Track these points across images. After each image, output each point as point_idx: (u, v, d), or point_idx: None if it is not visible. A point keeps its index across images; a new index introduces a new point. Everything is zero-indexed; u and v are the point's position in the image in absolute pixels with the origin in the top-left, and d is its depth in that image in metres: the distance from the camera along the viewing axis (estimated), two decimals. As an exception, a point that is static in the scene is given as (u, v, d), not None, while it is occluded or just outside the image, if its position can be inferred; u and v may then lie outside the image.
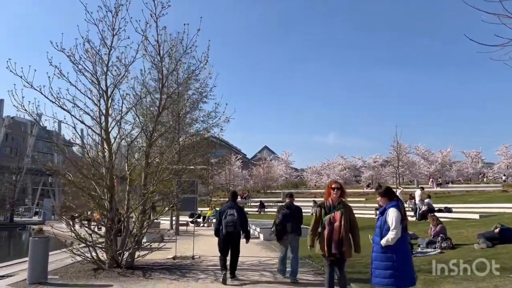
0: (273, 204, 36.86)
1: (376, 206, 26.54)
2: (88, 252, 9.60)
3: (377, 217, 5.63)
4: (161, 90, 10.75)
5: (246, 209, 33.49)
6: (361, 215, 24.87)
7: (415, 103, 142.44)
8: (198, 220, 28.94)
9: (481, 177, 48.45)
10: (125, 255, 9.91)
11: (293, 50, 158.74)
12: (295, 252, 8.51)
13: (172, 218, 21.97)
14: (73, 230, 9.48)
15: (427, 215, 19.32)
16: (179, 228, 21.75)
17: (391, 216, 5.07)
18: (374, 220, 20.56)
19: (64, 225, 10.15)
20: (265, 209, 35.36)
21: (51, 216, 42.81)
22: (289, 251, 8.64)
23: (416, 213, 20.89)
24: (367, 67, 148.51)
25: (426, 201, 21.45)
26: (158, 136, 12.07)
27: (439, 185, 39.52)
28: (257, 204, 38.04)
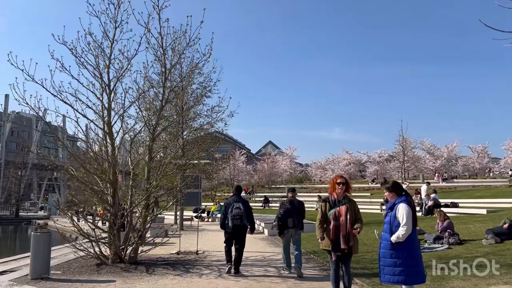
0: (277, 199, 36.77)
1: (382, 201, 26.52)
2: (91, 247, 9.54)
3: (384, 213, 5.48)
4: (164, 83, 10.62)
5: (251, 204, 33.33)
6: (366, 210, 24.88)
7: (421, 97, 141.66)
8: (202, 215, 28.99)
9: (487, 172, 48.05)
10: (129, 250, 9.84)
11: (298, 45, 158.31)
12: (297, 246, 8.61)
13: (177, 213, 21.89)
14: (75, 225, 9.39)
15: (433, 210, 19.15)
16: (183, 223, 21.75)
17: (401, 211, 4.92)
18: (380, 215, 20.63)
19: (68, 220, 10.05)
20: (270, 204, 35.32)
21: (57, 211, 42.91)
22: (292, 245, 8.68)
23: (422, 208, 20.68)
24: (372, 62, 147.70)
25: (432, 196, 21.23)
26: (161, 130, 11.95)
27: (445, 180, 39.23)
28: (261, 199, 37.99)
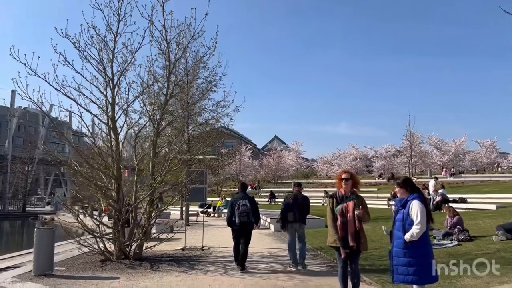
0: (283, 194, 36.62)
1: (389, 196, 26.28)
2: (95, 243, 9.45)
3: (394, 209, 5.30)
4: (168, 77, 10.47)
5: (257, 199, 33.32)
6: (373, 206, 24.65)
7: (428, 91, 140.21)
8: (208, 210, 28.97)
9: (495, 167, 47.54)
10: (133, 247, 9.75)
11: (303, 39, 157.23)
12: (301, 241, 8.73)
13: (182, 208, 21.81)
14: (79, 221, 9.30)
15: (441, 205, 18.94)
16: (189, 218, 21.67)
17: (415, 209, 4.74)
18: (387, 210, 20.40)
19: (72, 215, 9.97)
20: (276, 199, 35.23)
21: (61, 206, 43.10)
22: (297, 240, 8.81)
23: (430, 204, 20.44)
24: (377, 55, 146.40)
25: (440, 191, 20.99)
26: (165, 125, 11.81)
27: (452, 175, 38.84)
28: (267, 194, 37.90)
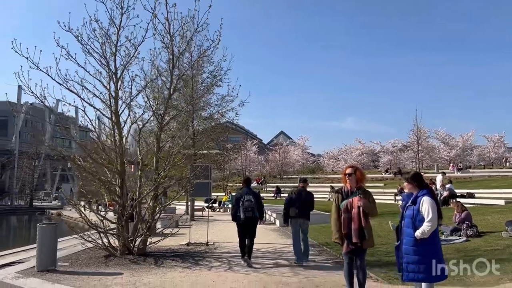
0: (289, 189, 36.56)
1: (395, 191, 26.06)
2: (99, 238, 9.39)
3: (402, 204, 5.15)
4: (171, 71, 10.34)
5: (262, 194, 33.34)
6: (380, 201, 24.44)
7: (435, 86, 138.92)
8: (214, 205, 28.93)
9: (503, 161, 47.07)
10: (137, 242, 9.68)
11: (309, 34, 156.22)
12: (304, 236, 8.86)
13: (188, 203, 21.76)
14: (83, 216, 9.24)
15: (448, 200, 18.73)
16: (195, 213, 21.64)
17: (426, 205, 4.59)
18: (394, 205, 20.21)
19: (81, 210, 9.90)
20: (281, 194, 35.16)
21: (66, 202, 43.23)
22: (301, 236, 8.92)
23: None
24: (384, 50, 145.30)
25: (448, 186, 20.74)
26: (169, 120, 11.71)
27: (460, 170, 38.48)
28: (273, 189, 37.83)
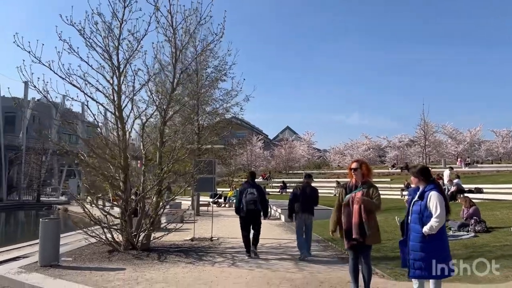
0: (294, 185, 36.45)
1: (402, 186, 25.87)
2: (103, 233, 9.35)
3: (408, 198, 5.02)
4: (174, 64, 10.24)
5: (268, 189, 33.29)
6: (386, 196, 24.28)
7: (443, 80, 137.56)
8: (219, 200, 28.91)
9: (512, 156, 46.56)
10: (141, 237, 9.62)
11: (315, 29, 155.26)
12: (308, 231, 8.90)
13: (193, 198, 21.75)
14: (86, 211, 9.20)
15: (456, 196, 18.56)
16: (200, 208, 21.63)
17: (433, 201, 4.46)
18: (400, 200, 20.04)
19: (87, 205, 9.87)
20: (287, 190, 35.08)
21: (76, 196, 43.43)
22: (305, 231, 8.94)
23: (445, 194, 20.03)
24: (391, 45, 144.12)
25: (455, 181, 20.56)
26: (172, 114, 11.61)
27: (467, 165, 38.11)
28: (278, 184, 37.76)
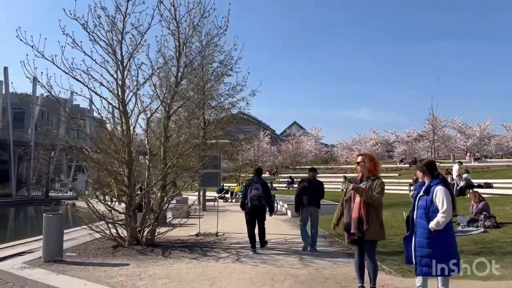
0: (300, 180, 36.34)
1: (410, 181, 25.57)
2: (107, 229, 9.31)
3: (413, 193, 4.89)
4: (178, 58, 10.13)
5: (275, 184, 33.20)
6: (394, 191, 24.10)
7: (451, 75, 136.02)
8: (226, 195, 28.94)
9: (522, 151, 45.82)
10: (145, 232, 9.58)
11: (323, 24, 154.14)
12: (314, 225, 8.91)
13: (200, 193, 21.72)
14: (90, 206, 9.15)
15: (465, 191, 18.32)
16: (207, 203, 21.60)
17: (440, 195, 4.33)
18: (408, 196, 19.81)
19: (91, 201, 9.82)
20: (294, 185, 34.98)
21: (85, 191, 43.68)
22: (309, 223, 8.99)
23: (454, 189, 19.73)
24: (400, 40, 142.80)
25: (464, 176, 20.26)
26: (176, 108, 11.53)
27: (477, 159, 37.66)
28: (285, 180, 37.64)
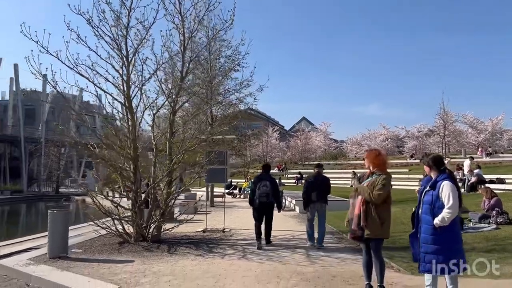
0: (306, 176, 36.19)
1: (421, 177, 25.25)
2: (113, 225, 9.28)
3: (419, 189, 4.75)
4: (183, 53, 10.03)
5: (283, 180, 33.08)
6: (404, 187, 23.82)
7: (462, 68, 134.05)
8: (234, 191, 28.93)
9: (535, 146, 45.12)
10: (151, 229, 9.53)
11: (332, 20, 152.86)
12: (321, 220, 8.95)
13: (208, 189, 21.71)
14: (95, 202, 9.13)
15: (476, 186, 18.02)
16: (214, 199, 21.57)
17: (446, 191, 4.19)
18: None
19: (98, 197, 9.81)
20: (303, 181, 34.83)
21: (95, 188, 43.98)
22: (317, 219, 9.03)
23: (465, 185, 19.42)
24: (410, 34, 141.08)
25: (476, 171, 19.90)
26: (182, 104, 11.44)
27: (489, 155, 37.11)
28: (294, 176, 37.52)
